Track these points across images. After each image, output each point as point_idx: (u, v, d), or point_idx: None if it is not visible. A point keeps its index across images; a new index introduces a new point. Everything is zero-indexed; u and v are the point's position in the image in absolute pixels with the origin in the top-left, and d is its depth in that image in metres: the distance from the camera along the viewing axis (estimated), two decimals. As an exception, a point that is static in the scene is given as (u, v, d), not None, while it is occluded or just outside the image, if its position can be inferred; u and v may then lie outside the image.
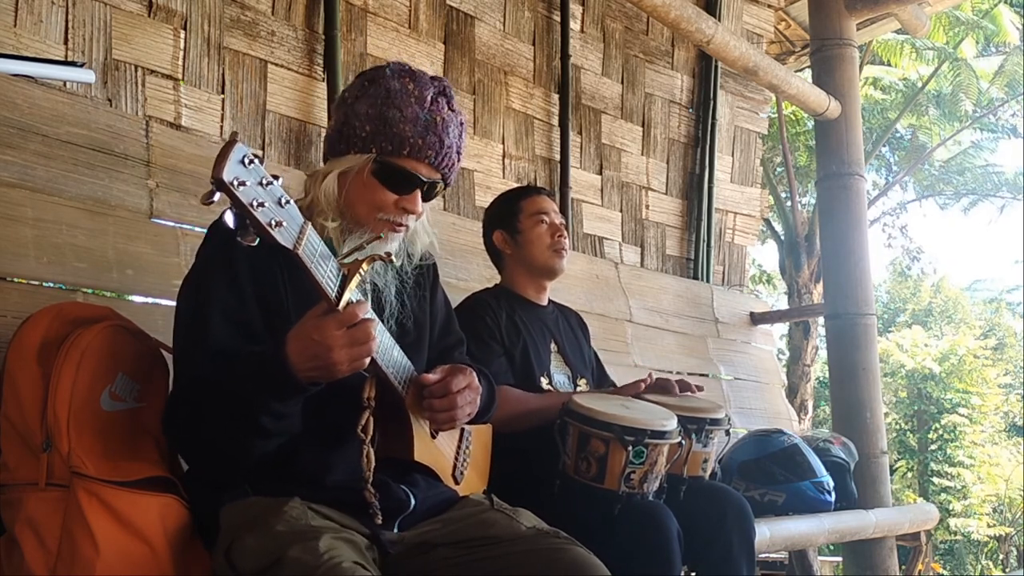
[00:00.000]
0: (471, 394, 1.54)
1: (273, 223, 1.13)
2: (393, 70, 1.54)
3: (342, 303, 1.25)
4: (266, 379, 1.31)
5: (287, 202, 1.15)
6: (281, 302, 1.47)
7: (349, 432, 1.42)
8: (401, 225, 1.53)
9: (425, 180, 1.52)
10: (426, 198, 1.55)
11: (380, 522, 1.45)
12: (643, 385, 2.19)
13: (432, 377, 1.51)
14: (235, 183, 1.07)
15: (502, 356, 2.17)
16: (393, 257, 1.33)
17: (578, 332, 2.51)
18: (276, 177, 1.14)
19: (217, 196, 1.08)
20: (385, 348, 1.42)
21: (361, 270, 1.27)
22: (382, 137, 1.49)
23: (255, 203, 1.10)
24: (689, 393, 2.27)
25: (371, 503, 1.43)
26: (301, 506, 1.40)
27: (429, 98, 1.52)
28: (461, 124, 1.57)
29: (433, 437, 1.61)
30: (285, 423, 1.37)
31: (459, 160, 1.58)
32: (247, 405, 1.32)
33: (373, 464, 1.42)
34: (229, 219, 1.11)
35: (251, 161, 1.09)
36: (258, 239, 1.13)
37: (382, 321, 1.47)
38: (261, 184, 1.11)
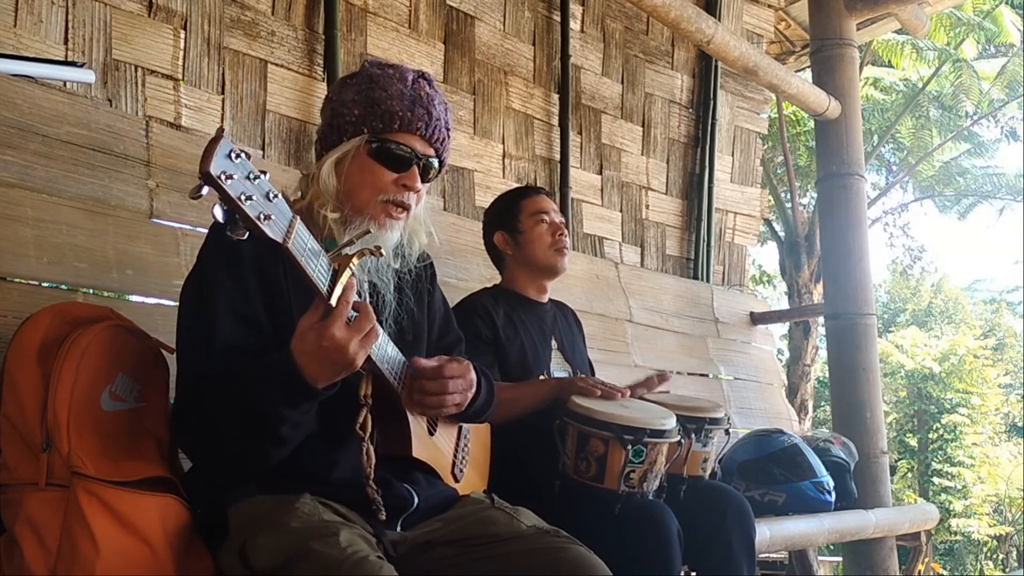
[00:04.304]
0: (463, 383, 1.55)
1: (262, 216, 1.13)
2: (371, 63, 1.60)
3: (334, 297, 1.25)
4: (284, 393, 1.32)
5: (275, 196, 1.16)
6: (284, 299, 1.48)
7: (351, 430, 1.43)
8: (402, 206, 1.54)
9: (420, 155, 1.55)
10: (424, 178, 1.57)
11: (384, 518, 1.45)
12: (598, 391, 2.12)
13: (427, 362, 1.52)
14: (222, 177, 1.08)
15: (488, 356, 2.17)
16: (383, 251, 1.33)
17: (575, 329, 2.51)
18: (264, 172, 1.14)
19: (205, 190, 1.08)
20: (380, 345, 1.42)
21: (351, 264, 1.27)
22: (372, 116, 1.53)
23: (243, 196, 1.10)
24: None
25: (374, 499, 1.43)
26: (312, 502, 1.40)
27: (411, 78, 1.57)
28: (446, 104, 1.61)
29: (431, 434, 1.61)
30: (302, 429, 1.39)
31: (449, 137, 1.61)
32: (266, 418, 1.33)
33: (374, 461, 1.43)
34: (218, 213, 1.11)
35: (237, 156, 1.10)
36: (247, 233, 1.14)
37: (381, 323, 1.47)
38: (248, 178, 1.12)
